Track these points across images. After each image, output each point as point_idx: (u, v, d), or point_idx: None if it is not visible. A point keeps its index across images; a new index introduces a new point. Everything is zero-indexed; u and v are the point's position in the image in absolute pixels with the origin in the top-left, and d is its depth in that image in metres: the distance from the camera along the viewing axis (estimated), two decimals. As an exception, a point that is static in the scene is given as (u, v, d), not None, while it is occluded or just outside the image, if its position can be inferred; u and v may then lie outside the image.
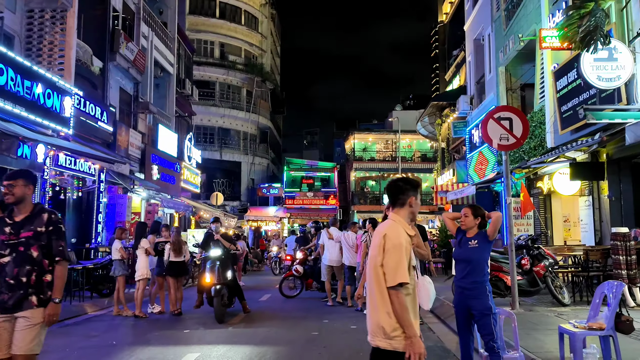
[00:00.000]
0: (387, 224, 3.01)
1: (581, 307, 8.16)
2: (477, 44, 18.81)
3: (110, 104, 15.79)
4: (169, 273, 9.61)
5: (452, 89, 24.36)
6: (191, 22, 35.47)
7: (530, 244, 8.71)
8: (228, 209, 34.10)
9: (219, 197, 26.42)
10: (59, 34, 12.49)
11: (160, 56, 20.38)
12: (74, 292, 10.76)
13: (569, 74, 10.34)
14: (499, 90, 15.86)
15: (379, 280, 2.85)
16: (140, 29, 18.25)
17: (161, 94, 21.41)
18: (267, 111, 41.33)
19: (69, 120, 12.23)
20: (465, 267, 4.40)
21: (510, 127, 8.02)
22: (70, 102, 12.20)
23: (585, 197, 11.73)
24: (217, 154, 36.53)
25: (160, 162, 18.99)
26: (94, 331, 8.00)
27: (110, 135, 15.37)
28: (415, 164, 39.11)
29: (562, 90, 10.70)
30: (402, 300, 2.77)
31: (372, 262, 2.94)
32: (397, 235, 2.88)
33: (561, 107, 10.80)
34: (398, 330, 2.76)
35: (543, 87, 12.60)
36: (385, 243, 2.87)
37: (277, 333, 7.76)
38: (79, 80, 13.93)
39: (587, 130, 10.04)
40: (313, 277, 11.60)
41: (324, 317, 9.08)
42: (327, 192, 36.93)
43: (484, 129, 8.08)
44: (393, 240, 2.86)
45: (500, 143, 8.04)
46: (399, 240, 2.86)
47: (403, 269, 2.81)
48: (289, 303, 11.09)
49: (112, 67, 16.23)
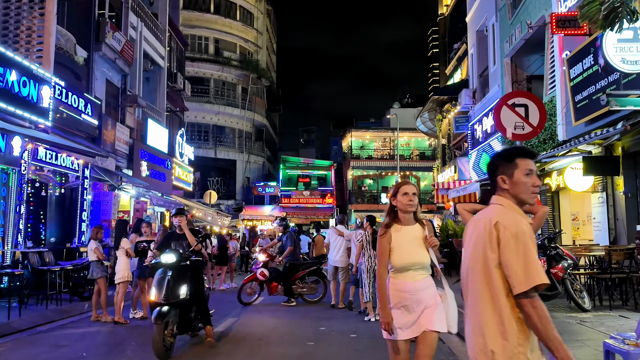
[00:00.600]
0: (492, 209, 2.22)
1: (604, 313, 7.44)
2: (480, 36, 18.09)
3: (95, 96, 14.96)
4: (153, 275, 8.80)
5: (454, 82, 23.63)
6: (185, 17, 34.72)
7: (547, 244, 7.95)
8: (223, 208, 33.35)
9: (213, 195, 25.64)
10: (37, 19, 11.67)
11: (150, 48, 19.56)
12: (51, 295, 9.99)
13: (584, 60, 9.60)
14: (504, 83, 15.13)
15: (492, 286, 2.07)
16: (128, 18, 17.44)
17: (151, 88, 20.58)
18: (263, 109, 40.55)
19: (48, 111, 11.42)
20: None
21: (525, 114, 7.29)
22: (48, 92, 11.38)
23: (599, 193, 11.02)
24: (212, 152, 35.77)
25: (150, 158, 18.18)
26: (65, 340, 7.20)
27: (95, 129, 14.54)
28: (414, 162, 38.45)
29: (576, 78, 9.96)
30: (542, 309, 1.98)
31: (477, 264, 2.14)
32: (516, 221, 2.10)
33: (575, 96, 10.06)
34: (521, 356, 2.01)
35: (553, 76, 11.87)
36: (500, 233, 2.07)
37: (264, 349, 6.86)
38: (60, 69, 13.12)
39: (604, 121, 9.30)
40: (278, 280, 10.53)
41: (321, 323, 8.31)
42: (324, 191, 36.22)
43: (496, 117, 7.34)
44: (512, 228, 2.07)
45: (514, 132, 7.31)
46: (520, 228, 2.07)
47: (537, 265, 2.00)
48: (283, 306, 10.31)
49: (98, 58, 15.41)
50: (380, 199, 37.41)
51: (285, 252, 10.60)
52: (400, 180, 26.08)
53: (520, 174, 2.22)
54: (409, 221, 3.50)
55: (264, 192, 36.05)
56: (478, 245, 2.15)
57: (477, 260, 2.14)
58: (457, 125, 19.40)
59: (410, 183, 3.57)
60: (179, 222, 6.78)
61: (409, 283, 3.35)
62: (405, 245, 3.40)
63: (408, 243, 3.41)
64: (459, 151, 21.89)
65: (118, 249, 8.69)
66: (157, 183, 18.69)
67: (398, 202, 3.48)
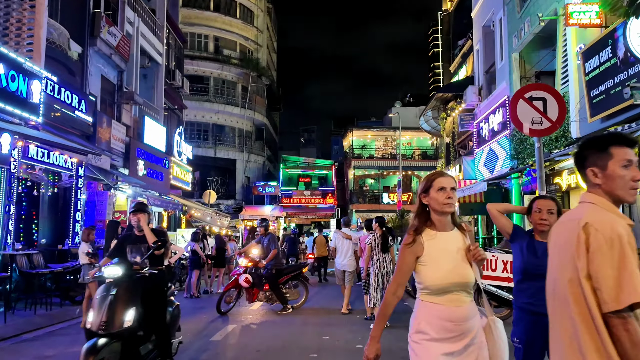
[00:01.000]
0: (581, 208, 1.85)
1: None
2: (487, 31, 17.60)
3: (90, 92, 14.49)
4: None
5: (458, 80, 23.13)
6: (184, 14, 34.27)
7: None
8: (222, 208, 32.90)
9: (212, 195, 25.16)
10: (27, 11, 11.19)
11: (147, 44, 19.08)
12: (40, 300, 9.52)
13: (601, 53, 9.12)
14: (512, 79, 14.65)
15: (584, 302, 1.68)
16: (125, 13, 16.96)
17: (149, 85, 20.10)
18: (263, 107, 40.09)
19: (38, 107, 10.95)
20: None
21: (544, 108, 6.78)
22: (39, 87, 10.91)
23: (613, 193, 10.55)
24: (211, 151, 35.31)
25: (147, 156, 17.70)
26: (51, 349, 6.72)
27: (90, 127, 14.06)
28: (416, 161, 37.98)
29: (592, 72, 9.48)
30: (636, 334, 1.59)
31: (564, 274, 1.77)
32: (610, 223, 1.71)
33: (590, 91, 9.58)
34: None
35: (566, 71, 11.38)
36: (591, 237, 1.70)
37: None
38: (53, 64, 12.65)
39: (622, 116, 8.84)
40: (260, 287, 9.68)
41: (324, 331, 7.81)
42: (325, 191, 35.79)
43: (512, 111, 6.84)
44: (605, 230, 1.69)
45: (532, 127, 6.78)
46: (616, 231, 1.68)
47: (635, 278, 1.60)
48: (281, 314, 9.83)
49: (93, 53, 14.93)
50: (382, 199, 36.94)
51: (270, 256, 9.59)
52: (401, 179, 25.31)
53: (615, 166, 1.81)
54: (446, 225, 2.60)
55: (264, 192, 35.60)
56: (565, 251, 1.76)
57: (565, 271, 1.74)
58: (462, 123, 18.90)
59: (447, 175, 2.64)
60: (137, 221, 5.34)
61: (452, 309, 2.46)
62: (444, 259, 2.49)
63: (447, 256, 2.50)
64: (464, 150, 21.41)
65: (109, 252, 8.21)
66: (154, 182, 18.22)
67: (432, 200, 2.56)
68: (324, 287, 14.74)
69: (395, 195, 32.73)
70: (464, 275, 2.48)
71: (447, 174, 2.67)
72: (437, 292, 2.48)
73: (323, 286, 15.13)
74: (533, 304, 3.09)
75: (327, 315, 9.40)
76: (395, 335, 7.31)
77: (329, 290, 13.86)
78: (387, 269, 8.11)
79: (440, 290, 2.48)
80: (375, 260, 8.12)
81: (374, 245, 8.19)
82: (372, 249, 8.23)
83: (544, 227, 3.24)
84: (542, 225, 3.25)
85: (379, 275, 8.06)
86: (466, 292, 2.51)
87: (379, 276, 8.06)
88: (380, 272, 8.07)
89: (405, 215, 27.26)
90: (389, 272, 8.10)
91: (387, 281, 8.05)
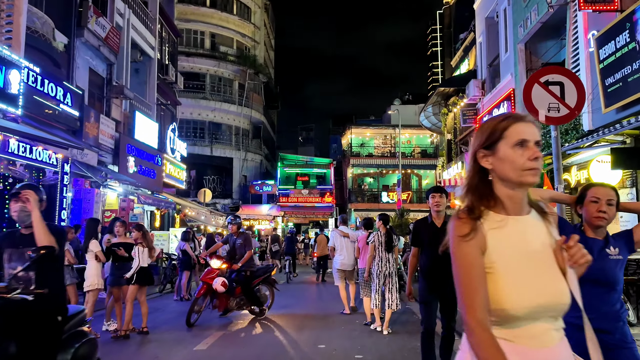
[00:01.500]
0: None
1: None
2: (490, 23, 17.00)
3: (77, 85, 13.85)
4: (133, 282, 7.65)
5: (460, 74, 22.52)
6: (180, 10, 33.65)
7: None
8: (219, 207, 32.26)
9: (207, 193, 24.54)
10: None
11: (139, 37, 18.44)
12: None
13: (617, 39, 8.52)
14: (518, 71, 14.05)
15: None
16: (114, 4, 16.32)
17: (141, 80, 19.46)
18: (261, 105, 39.45)
19: (17, 98, 10.31)
20: (602, 292, 2.50)
21: (561, 94, 6.17)
22: (18, 77, 10.27)
23: (628, 189, 9.97)
24: (208, 150, 34.68)
25: (138, 153, 17.07)
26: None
27: (76, 121, 13.40)
28: (416, 159, 37.38)
29: (607, 59, 8.88)
30: None
31: None
32: None
33: (605, 79, 8.98)
34: None
35: (576, 60, 10.78)
36: None
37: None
38: (36, 55, 12.02)
39: (638, 107, 8.26)
40: (232, 292, 8.54)
41: (320, 339, 7.16)
42: (323, 190, 35.21)
43: (526, 97, 6.21)
44: None
45: (548, 115, 6.16)
46: None
47: None
48: (272, 319, 9.20)
49: (80, 44, 14.29)
50: (381, 198, 36.31)
51: (245, 257, 8.68)
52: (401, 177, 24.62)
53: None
54: (521, 206, 1.58)
55: (261, 191, 34.97)
56: None
57: None
58: (465, 118, 18.29)
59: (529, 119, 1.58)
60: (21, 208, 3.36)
61: (535, 352, 1.46)
62: (522, 262, 1.50)
63: (528, 257, 1.51)
64: (466, 147, 20.81)
65: (87, 252, 7.59)
66: (146, 180, 17.59)
67: (501, 162, 1.55)
68: (322, 289, 14.18)
69: (395, 194, 32.12)
70: (557, 292, 1.49)
71: (529, 117, 1.58)
72: (509, 321, 1.47)
73: (321, 288, 14.57)
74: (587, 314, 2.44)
75: (324, 319, 8.76)
76: (397, 343, 6.70)
77: (326, 291, 13.28)
78: (390, 269, 7.50)
79: (516, 317, 1.47)
80: (377, 260, 7.51)
81: (378, 244, 7.58)
82: (375, 248, 7.61)
83: (601, 221, 2.62)
84: (599, 219, 2.62)
85: (381, 277, 7.44)
86: (557, 322, 1.54)
87: (381, 277, 7.44)
88: (382, 273, 7.44)
89: (405, 214, 26.62)
90: (391, 274, 7.49)
91: (389, 283, 7.44)
